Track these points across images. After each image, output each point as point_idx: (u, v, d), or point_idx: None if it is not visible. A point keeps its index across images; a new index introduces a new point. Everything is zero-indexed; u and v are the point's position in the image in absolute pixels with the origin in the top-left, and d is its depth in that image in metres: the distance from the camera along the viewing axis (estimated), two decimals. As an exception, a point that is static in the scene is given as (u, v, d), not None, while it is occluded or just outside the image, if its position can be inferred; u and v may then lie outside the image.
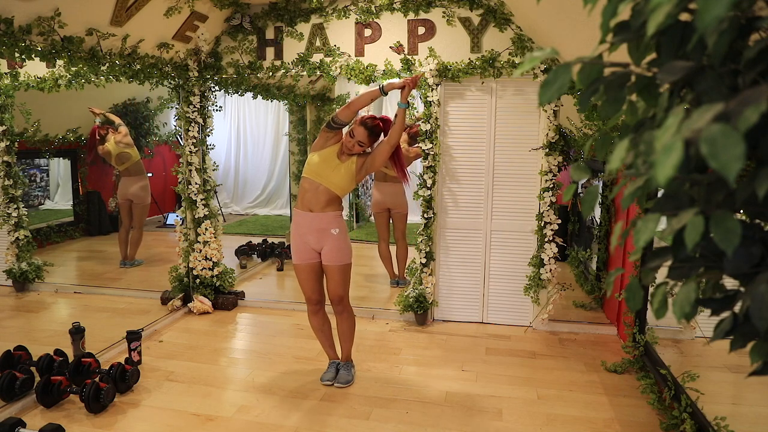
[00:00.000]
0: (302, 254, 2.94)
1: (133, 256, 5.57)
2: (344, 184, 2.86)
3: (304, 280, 2.99)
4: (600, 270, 4.37)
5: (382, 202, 4.76)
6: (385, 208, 4.79)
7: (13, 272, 4.71)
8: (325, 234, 2.88)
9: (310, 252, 2.93)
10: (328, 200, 2.86)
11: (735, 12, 0.68)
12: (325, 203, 2.86)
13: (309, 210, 2.87)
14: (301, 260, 2.95)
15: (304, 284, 3.00)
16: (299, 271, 2.98)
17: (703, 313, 0.82)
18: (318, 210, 2.86)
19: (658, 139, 0.64)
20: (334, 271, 2.92)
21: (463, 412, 2.82)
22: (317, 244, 2.91)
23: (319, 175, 2.84)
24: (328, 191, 2.85)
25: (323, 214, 2.86)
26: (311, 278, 2.98)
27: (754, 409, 2.33)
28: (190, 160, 4.25)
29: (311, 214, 2.87)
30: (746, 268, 0.72)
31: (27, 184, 5.07)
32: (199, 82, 4.15)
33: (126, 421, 2.71)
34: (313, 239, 2.89)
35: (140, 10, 3.41)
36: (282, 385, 3.09)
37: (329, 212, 2.87)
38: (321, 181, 2.84)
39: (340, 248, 2.90)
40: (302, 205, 2.90)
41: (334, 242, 2.89)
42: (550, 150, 3.73)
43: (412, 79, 2.80)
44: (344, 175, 2.84)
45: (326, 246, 2.90)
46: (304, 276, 2.98)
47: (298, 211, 2.92)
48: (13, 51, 2.85)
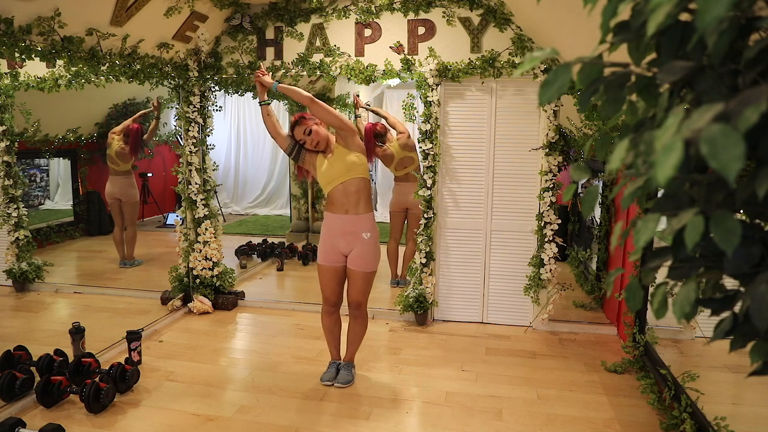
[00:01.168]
0: (328, 256, 2.94)
1: (131, 255, 5.57)
2: (357, 162, 2.85)
3: (325, 282, 2.99)
4: (600, 270, 4.37)
5: (403, 201, 4.76)
6: (403, 208, 4.80)
7: (13, 272, 4.71)
8: (355, 237, 2.88)
9: (337, 255, 2.93)
10: (358, 192, 2.85)
11: (735, 12, 0.68)
12: (357, 200, 2.86)
13: (345, 212, 2.87)
14: (325, 261, 2.95)
15: (325, 285, 3.00)
16: (322, 272, 2.98)
17: (703, 313, 0.82)
18: (353, 211, 2.86)
19: (658, 139, 0.64)
20: (357, 277, 2.93)
21: (463, 412, 2.82)
22: (346, 247, 2.91)
23: (340, 175, 2.85)
24: (354, 180, 2.84)
25: (357, 216, 2.86)
26: (333, 281, 2.98)
27: (754, 409, 2.33)
28: (190, 160, 4.25)
29: (346, 216, 2.87)
30: (746, 268, 0.72)
31: (27, 184, 5.07)
32: (199, 82, 4.15)
33: (126, 421, 2.71)
34: (344, 242, 2.90)
35: (140, 10, 3.41)
36: (282, 385, 3.09)
37: (363, 214, 2.88)
38: (344, 178, 2.84)
39: (368, 254, 2.90)
40: (336, 208, 2.89)
41: (364, 247, 2.89)
42: (550, 150, 3.73)
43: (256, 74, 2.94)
44: (348, 158, 2.85)
45: (355, 250, 2.90)
46: (326, 278, 2.98)
47: (331, 215, 2.91)
48: (13, 51, 2.85)
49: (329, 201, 2.93)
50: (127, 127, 5.40)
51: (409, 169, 4.69)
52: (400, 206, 4.80)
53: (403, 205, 4.78)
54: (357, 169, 2.86)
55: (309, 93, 2.82)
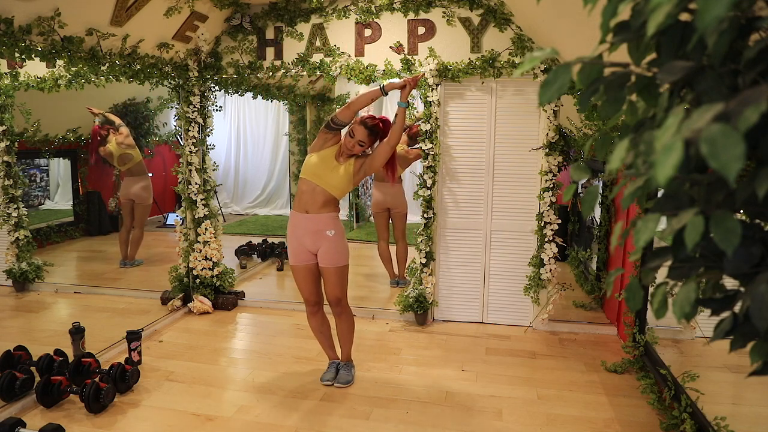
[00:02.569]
0: (299, 255, 2.93)
1: (134, 256, 5.57)
2: (342, 185, 2.85)
3: (301, 282, 2.99)
4: (600, 270, 4.37)
5: (383, 201, 4.76)
6: (385, 208, 4.80)
7: (13, 272, 4.71)
8: (320, 236, 2.87)
9: (306, 253, 2.92)
10: (324, 201, 2.85)
11: (735, 12, 0.68)
12: (321, 204, 2.84)
13: (305, 211, 2.86)
14: (297, 261, 2.94)
15: (302, 285, 3.00)
16: (296, 273, 2.98)
17: (703, 313, 0.82)
18: (314, 211, 2.85)
19: (658, 139, 0.64)
20: (330, 273, 2.92)
21: (463, 412, 2.82)
22: (313, 246, 2.90)
23: (317, 176, 2.83)
24: (325, 192, 2.83)
25: (319, 215, 2.85)
26: (308, 279, 2.97)
27: (754, 409, 2.33)
28: (190, 160, 4.25)
29: (307, 215, 2.86)
30: (746, 268, 0.72)
31: (27, 184, 5.07)
32: (199, 82, 4.15)
33: (126, 421, 2.71)
34: (309, 241, 2.89)
35: (140, 10, 3.41)
36: (282, 385, 3.09)
37: (325, 213, 2.86)
38: (318, 182, 2.83)
39: (336, 251, 2.89)
40: (299, 206, 2.89)
41: (330, 244, 2.88)
42: (550, 150, 3.73)
43: (413, 78, 2.80)
44: (342, 176, 2.84)
45: (322, 248, 2.89)
46: (300, 277, 2.98)
47: (295, 213, 2.91)
48: (13, 51, 2.85)
49: (297, 193, 2.90)
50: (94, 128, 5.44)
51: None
52: (380, 207, 4.80)
53: (383, 205, 4.78)
54: (336, 189, 2.84)
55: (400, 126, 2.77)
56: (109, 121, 5.43)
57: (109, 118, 5.44)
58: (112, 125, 5.42)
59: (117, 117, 5.56)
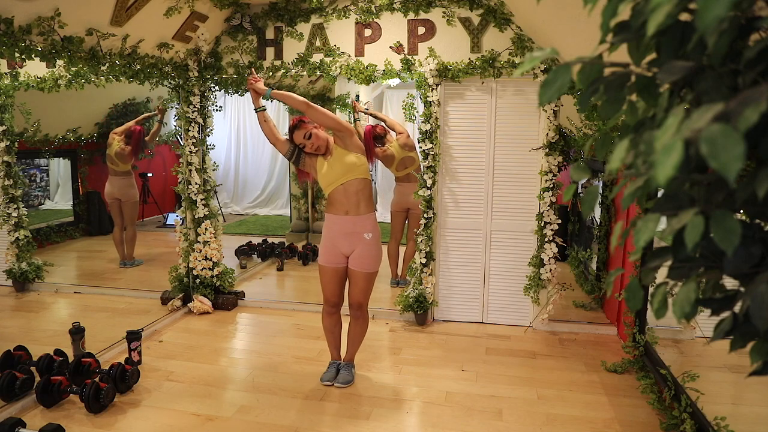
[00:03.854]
0: (329, 257, 2.94)
1: (131, 255, 5.57)
2: (356, 163, 2.85)
3: (326, 282, 2.99)
4: (600, 270, 4.37)
5: (404, 202, 4.77)
6: (404, 208, 4.81)
7: (13, 272, 4.71)
8: (357, 238, 2.88)
9: (338, 256, 2.93)
10: (358, 192, 2.85)
11: (735, 12, 0.68)
12: (357, 200, 2.85)
13: (345, 213, 2.87)
14: (327, 262, 2.95)
15: (326, 286, 3.00)
16: (323, 273, 2.98)
17: (703, 313, 0.82)
18: (354, 212, 2.86)
19: (658, 139, 0.64)
20: (359, 278, 2.93)
21: (463, 412, 2.82)
22: (348, 248, 2.90)
23: (341, 176, 2.85)
24: (355, 181, 2.84)
25: (358, 217, 2.86)
26: (334, 281, 2.98)
27: (754, 409, 2.33)
28: (190, 160, 4.25)
29: (346, 217, 2.87)
30: (746, 268, 0.72)
31: (27, 184, 5.07)
32: (199, 82, 4.15)
33: (126, 421, 2.71)
34: (345, 243, 2.89)
35: (140, 10, 3.41)
36: (282, 385, 3.09)
37: (364, 214, 2.87)
38: (345, 179, 2.84)
39: (370, 255, 2.90)
40: (337, 210, 2.89)
41: (365, 248, 2.89)
42: (550, 150, 3.73)
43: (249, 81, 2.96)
44: (348, 159, 2.85)
45: (357, 250, 2.89)
46: (327, 278, 2.98)
47: (332, 216, 2.91)
48: (13, 51, 2.85)
49: (330, 202, 2.92)
50: (129, 129, 5.40)
51: (410, 170, 4.69)
52: (401, 206, 4.81)
53: (404, 205, 4.78)
54: (357, 170, 2.86)
55: (303, 97, 2.83)
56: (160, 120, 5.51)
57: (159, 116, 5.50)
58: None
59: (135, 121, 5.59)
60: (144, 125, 5.59)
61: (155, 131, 5.54)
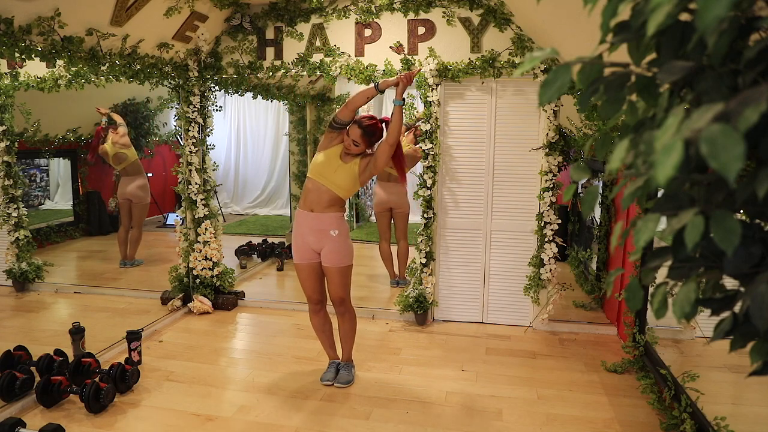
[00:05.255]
0: (302, 254, 2.93)
1: (133, 255, 5.57)
2: (347, 185, 2.84)
3: (304, 280, 2.99)
4: (600, 270, 4.37)
5: (386, 201, 4.77)
6: (387, 208, 4.80)
7: (13, 272, 4.71)
8: (324, 235, 2.87)
9: (310, 252, 2.92)
10: (329, 201, 2.85)
11: (735, 12, 0.68)
12: (326, 204, 2.85)
13: (310, 210, 2.86)
14: (301, 260, 2.95)
15: (304, 283, 3.00)
16: (299, 271, 2.98)
17: (703, 313, 0.82)
18: (319, 210, 2.85)
19: (658, 139, 0.64)
20: (333, 273, 2.92)
21: (463, 412, 2.82)
22: (317, 245, 2.90)
23: (322, 176, 2.83)
24: (330, 192, 2.83)
25: (323, 214, 2.85)
26: (311, 278, 2.98)
27: (754, 409, 2.33)
28: (190, 160, 4.25)
29: (312, 214, 2.86)
30: (746, 268, 0.72)
31: (27, 184, 5.07)
32: (199, 82, 4.15)
33: (126, 421, 2.71)
34: (314, 239, 2.89)
35: (140, 10, 3.41)
36: (282, 385, 3.09)
37: (329, 213, 2.86)
38: (323, 181, 2.83)
39: (339, 250, 2.89)
40: (304, 205, 2.89)
41: (334, 244, 2.88)
42: (550, 150, 3.73)
43: (407, 75, 2.77)
44: (346, 176, 2.83)
45: (326, 247, 2.89)
46: (304, 275, 2.98)
47: (300, 211, 2.92)
48: (13, 51, 2.85)
49: (304, 191, 2.91)
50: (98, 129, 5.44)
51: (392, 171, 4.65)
52: (383, 206, 4.80)
53: (386, 204, 4.78)
54: (340, 188, 2.83)
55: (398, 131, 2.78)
56: (112, 121, 5.44)
57: (113, 118, 5.45)
58: (114, 124, 5.43)
59: (120, 117, 5.57)
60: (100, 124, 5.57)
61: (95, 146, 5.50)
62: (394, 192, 4.75)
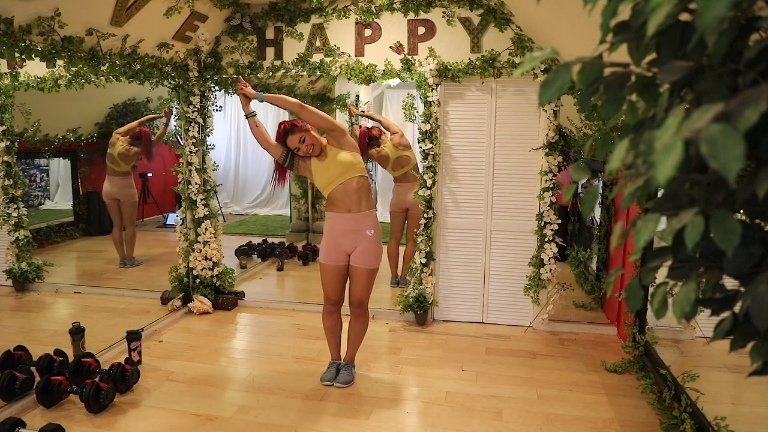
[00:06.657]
0: (332, 255, 2.95)
1: (131, 255, 5.56)
2: (350, 160, 2.87)
3: (328, 281, 3.00)
4: (600, 270, 4.37)
5: (403, 202, 4.78)
6: (404, 209, 4.82)
7: (13, 272, 4.71)
8: (360, 235, 2.89)
9: (340, 254, 2.94)
10: (358, 190, 2.87)
11: (735, 12, 0.68)
12: (358, 198, 2.88)
13: (347, 211, 2.89)
14: (328, 261, 2.96)
15: (327, 284, 3.01)
16: (325, 271, 2.99)
17: (703, 313, 0.82)
18: (356, 209, 2.88)
19: (658, 139, 0.64)
20: (361, 274, 2.94)
21: (463, 412, 2.82)
22: (350, 246, 2.92)
23: (337, 178, 2.86)
24: (353, 179, 2.86)
25: (360, 214, 2.88)
26: (335, 279, 2.99)
27: (754, 409, 2.33)
28: (190, 160, 4.25)
29: (349, 215, 2.88)
30: (746, 268, 0.72)
31: (27, 184, 5.07)
32: (199, 82, 4.15)
33: (126, 421, 2.71)
34: (347, 241, 2.91)
35: (140, 10, 3.41)
36: (282, 385, 3.09)
37: (365, 212, 2.90)
38: (342, 179, 2.86)
39: (372, 251, 2.92)
40: (339, 208, 2.90)
41: (368, 244, 2.91)
42: (550, 150, 3.73)
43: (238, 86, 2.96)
44: (342, 158, 2.86)
45: (359, 247, 2.91)
46: (329, 277, 2.99)
47: (334, 214, 2.92)
48: (13, 51, 2.85)
49: (330, 202, 2.93)
50: (138, 131, 5.39)
51: (407, 169, 4.70)
52: (400, 206, 4.81)
53: (402, 205, 4.79)
54: (354, 167, 2.87)
55: (295, 99, 2.84)
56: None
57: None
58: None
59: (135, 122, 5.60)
60: (147, 126, 5.60)
61: (161, 134, 5.55)
62: (411, 192, 4.74)
